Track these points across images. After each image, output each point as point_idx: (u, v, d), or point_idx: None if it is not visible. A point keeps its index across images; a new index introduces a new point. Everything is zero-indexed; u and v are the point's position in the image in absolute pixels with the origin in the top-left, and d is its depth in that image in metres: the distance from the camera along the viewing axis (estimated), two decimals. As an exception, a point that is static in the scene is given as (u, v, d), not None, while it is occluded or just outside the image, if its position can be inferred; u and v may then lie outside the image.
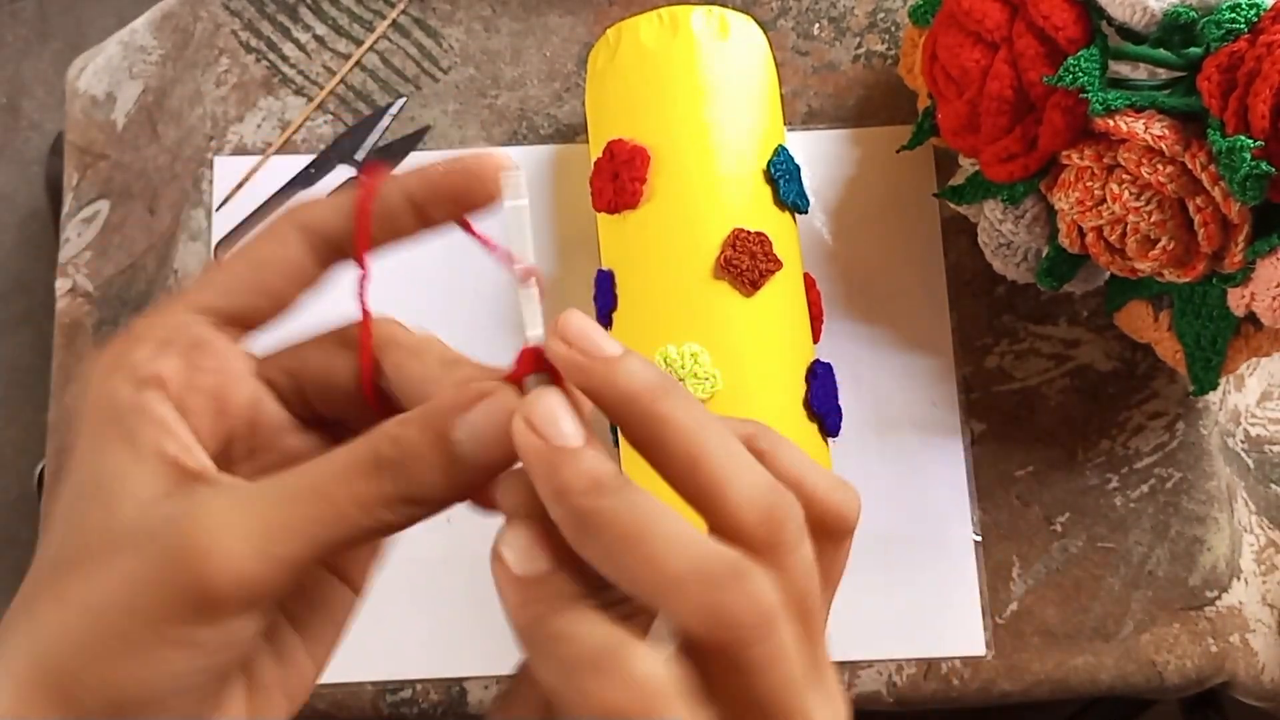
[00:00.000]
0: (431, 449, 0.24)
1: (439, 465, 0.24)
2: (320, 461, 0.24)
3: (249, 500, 0.23)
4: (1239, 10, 0.43)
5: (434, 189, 0.26)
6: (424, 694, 0.53)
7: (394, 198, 0.26)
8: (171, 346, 0.25)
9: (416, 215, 0.26)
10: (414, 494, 0.24)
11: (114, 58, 0.63)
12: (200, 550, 0.22)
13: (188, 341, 0.25)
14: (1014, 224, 0.50)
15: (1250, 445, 0.57)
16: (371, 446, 0.24)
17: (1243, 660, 0.53)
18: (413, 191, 0.26)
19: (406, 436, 0.24)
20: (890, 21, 0.61)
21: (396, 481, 0.23)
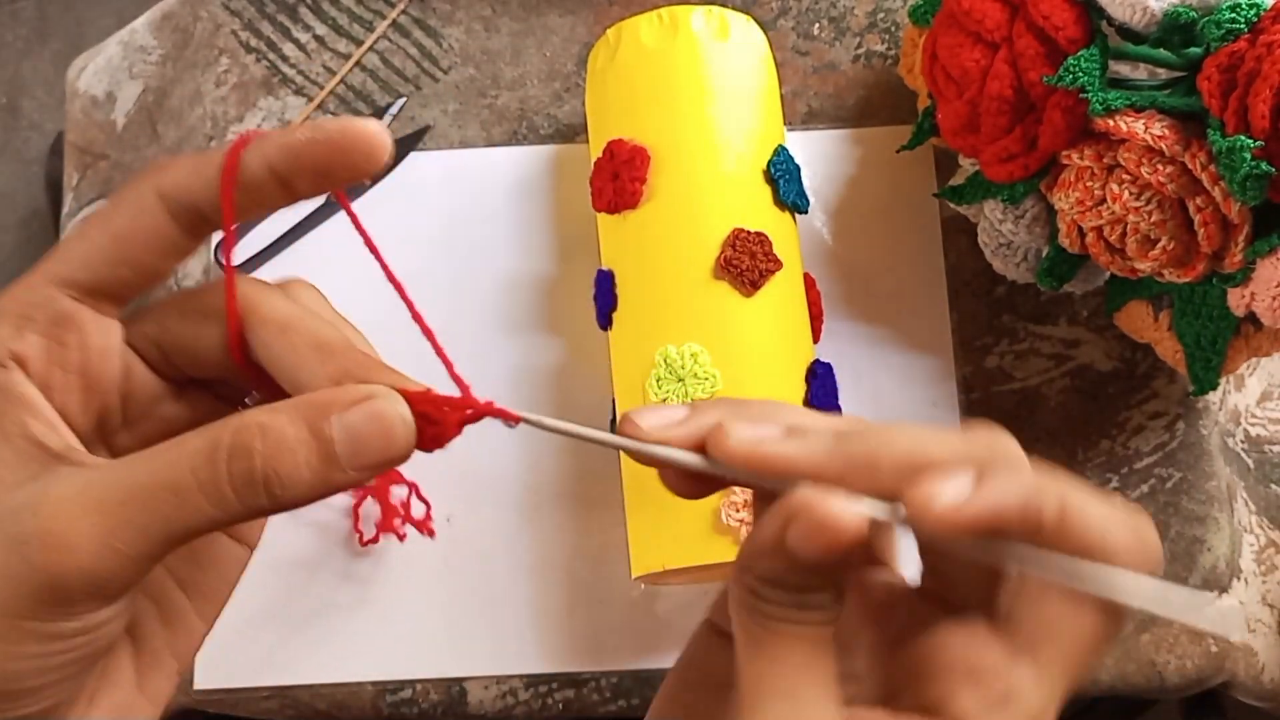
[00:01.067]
0: (303, 444, 0.23)
1: (308, 462, 0.23)
2: (172, 448, 0.23)
3: (96, 492, 0.22)
4: (1239, 10, 0.43)
5: (296, 160, 0.25)
6: (424, 694, 0.53)
7: (256, 168, 0.25)
8: (32, 323, 0.24)
9: (281, 186, 0.25)
10: (275, 487, 0.23)
11: (114, 58, 0.63)
12: (47, 544, 0.22)
13: (49, 317, 0.24)
14: (1014, 224, 0.50)
15: (1250, 445, 0.57)
16: (233, 434, 0.23)
17: (1243, 660, 0.53)
18: (274, 162, 0.25)
19: (276, 427, 0.23)
20: (890, 21, 0.61)
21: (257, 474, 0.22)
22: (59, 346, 0.24)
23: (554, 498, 0.54)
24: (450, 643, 0.53)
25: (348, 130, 0.24)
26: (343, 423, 0.23)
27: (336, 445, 0.23)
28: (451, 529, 0.54)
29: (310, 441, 0.23)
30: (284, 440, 0.23)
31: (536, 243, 0.58)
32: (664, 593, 0.53)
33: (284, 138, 0.25)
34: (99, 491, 0.22)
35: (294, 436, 0.23)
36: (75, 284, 0.25)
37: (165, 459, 0.23)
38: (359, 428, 0.23)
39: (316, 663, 0.53)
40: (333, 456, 0.23)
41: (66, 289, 0.25)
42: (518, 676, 0.53)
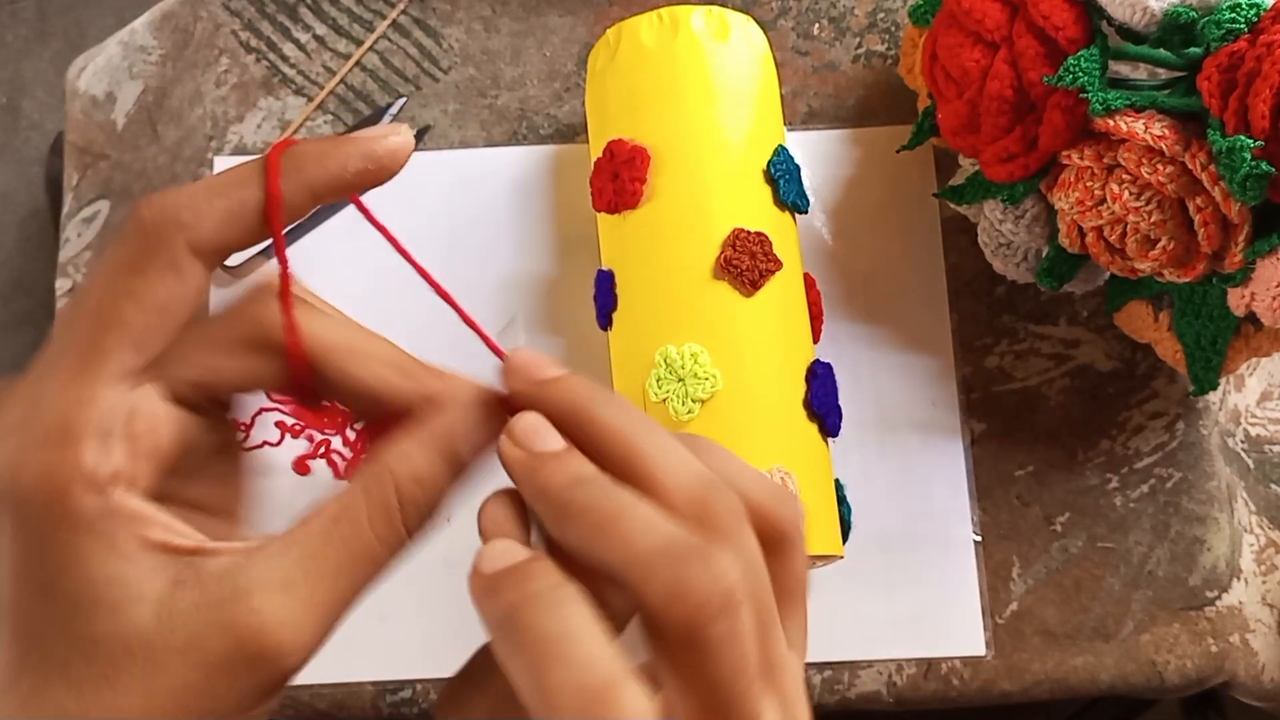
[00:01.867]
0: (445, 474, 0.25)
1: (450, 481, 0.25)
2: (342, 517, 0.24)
3: (292, 581, 0.23)
4: (1239, 10, 0.43)
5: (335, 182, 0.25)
6: (424, 694, 0.53)
7: (299, 199, 0.25)
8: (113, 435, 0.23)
9: (314, 202, 0.25)
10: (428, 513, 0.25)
11: (114, 58, 0.63)
12: (267, 647, 0.23)
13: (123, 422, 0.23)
14: (1014, 224, 0.50)
15: (1250, 445, 0.57)
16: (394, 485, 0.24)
17: (1243, 660, 0.53)
18: (319, 191, 0.25)
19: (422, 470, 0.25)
20: (890, 21, 0.61)
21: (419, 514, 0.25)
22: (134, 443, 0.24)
23: (554, 498, 0.54)
24: (450, 642, 0.53)
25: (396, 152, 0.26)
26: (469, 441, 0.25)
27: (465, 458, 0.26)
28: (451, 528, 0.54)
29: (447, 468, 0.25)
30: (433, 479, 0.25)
31: (536, 243, 0.58)
32: (664, 593, 0.53)
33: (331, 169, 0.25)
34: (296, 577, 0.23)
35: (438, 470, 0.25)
36: (130, 373, 0.24)
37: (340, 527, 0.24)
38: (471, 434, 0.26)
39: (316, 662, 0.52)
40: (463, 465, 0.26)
41: (124, 381, 0.24)
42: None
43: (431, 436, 0.25)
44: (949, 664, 0.52)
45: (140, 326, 0.24)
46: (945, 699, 0.53)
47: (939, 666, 0.52)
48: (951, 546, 0.54)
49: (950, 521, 0.54)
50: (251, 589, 0.23)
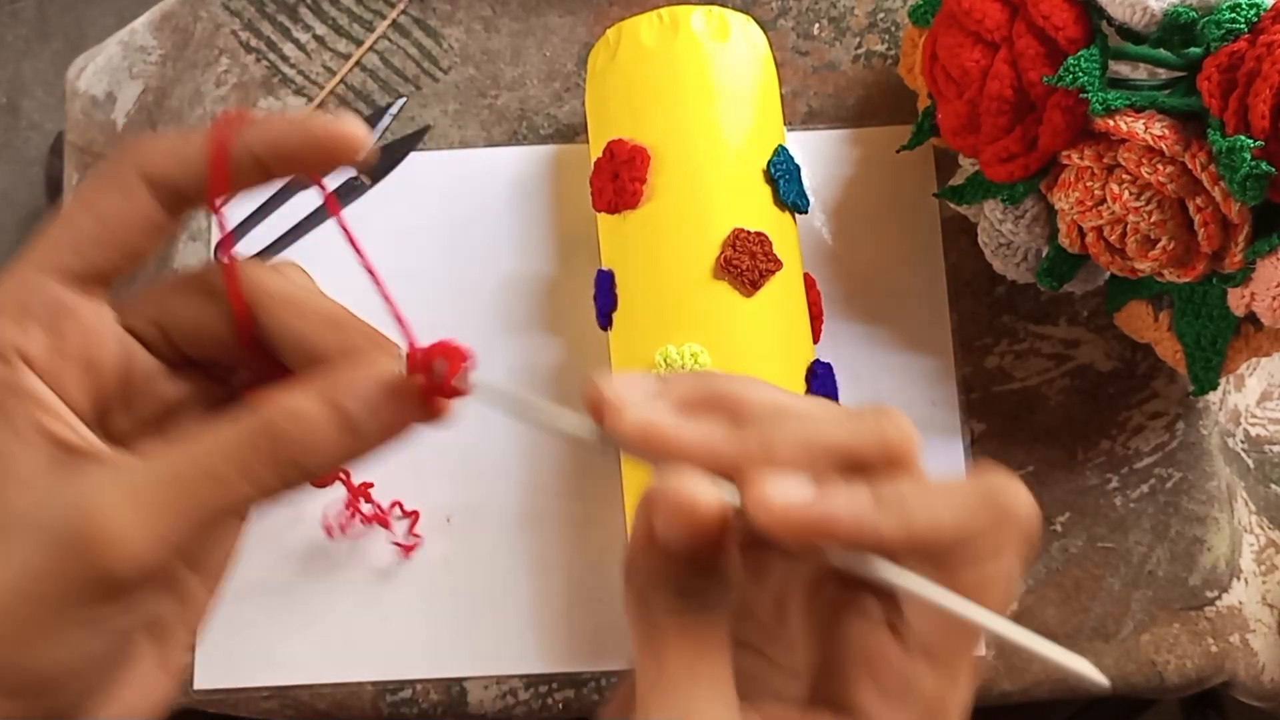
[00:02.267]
0: (329, 422, 0.24)
1: (335, 438, 0.24)
2: (206, 435, 0.24)
3: (140, 484, 0.23)
4: (1239, 10, 0.43)
5: (278, 151, 0.25)
6: (424, 694, 0.53)
7: (239, 154, 0.25)
8: (31, 316, 0.24)
9: (260, 170, 0.26)
10: (306, 465, 0.24)
11: (114, 57, 0.63)
12: (95, 538, 0.22)
13: (47, 308, 0.24)
14: (1014, 224, 0.50)
15: (1250, 445, 0.57)
16: (265, 420, 0.24)
17: (1243, 660, 0.53)
18: (258, 152, 0.25)
19: (303, 410, 0.24)
20: (890, 21, 0.61)
21: (290, 453, 0.24)
22: (58, 336, 0.24)
23: (554, 498, 0.54)
24: (450, 643, 0.53)
25: (335, 136, 0.25)
26: (354, 392, 0.24)
27: (354, 415, 0.24)
28: (451, 529, 0.54)
29: (331, 416, 0.24)
30: (308, 419, 0.24)
31: (536, 243, 0.58)
32: (664, 593, 0.53)
33: (268, 128, 0.25)
34: (144, 486, 0.23)
35: (317, 414, 0.24)
36: (67, 271, 0.25)
37: (202, 449, 0.23)
38: (370, 394, 0.24)
39: (316, 662, 0.53)
40: (354, 426, 0.24)
41: (59, 277, 0.25)
42: (518, 676, 0.53)
43: (323, 384, 0.24)
44: (949, 664, 0.52)
45: (82, 230, 0.25)
46: (945, 699, 0.53)
47: (939, 666, 0.52)
48: (951, 546, 0.54)
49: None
50: (101, 485, 0.23)
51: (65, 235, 0.25)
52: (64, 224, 0.25)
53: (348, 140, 0.25)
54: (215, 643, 0.53)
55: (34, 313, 0.24)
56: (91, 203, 0.25)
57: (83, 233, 0.25)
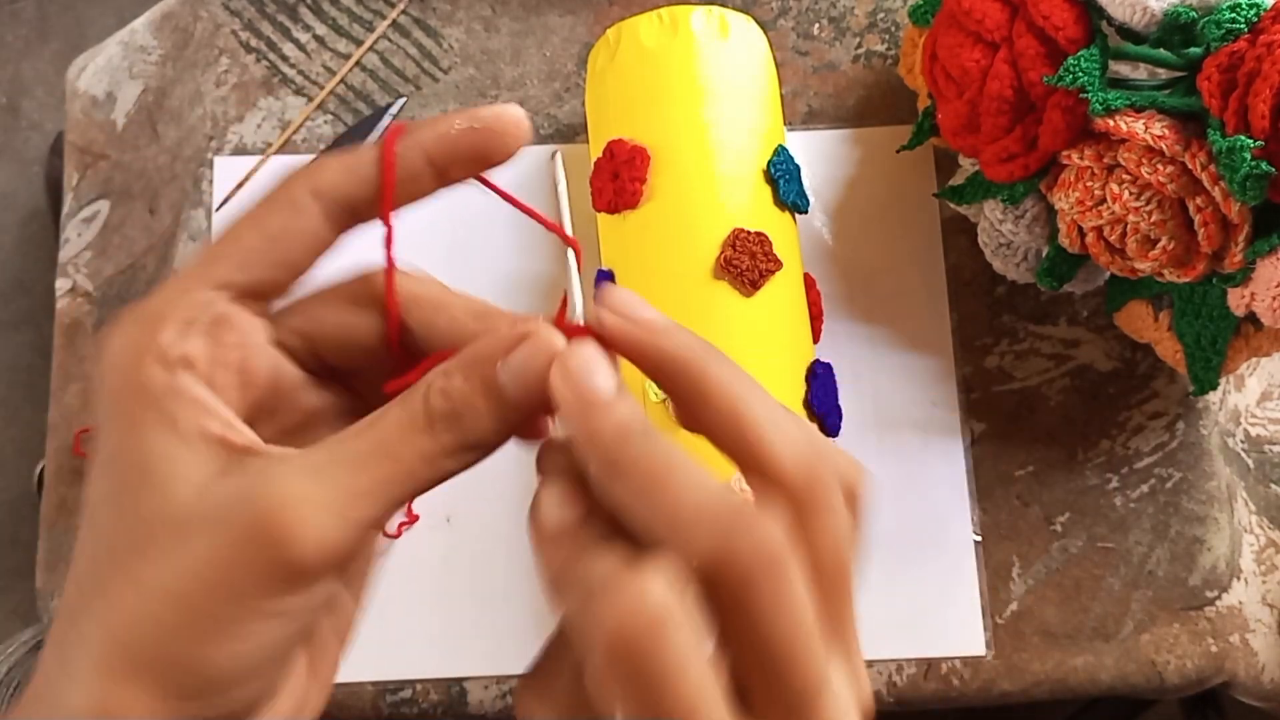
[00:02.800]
0: (479, 395, 0.24)
1: (488, 410, 0.25)
2: (375, 423, 0.24)
3: (320, 469, 0.23)
4: (1239, 10, 0.43)
5: (453, 149, 0.26)
6: (424, 694, 0.53)
7: (413, 159, 0.26)
8: (196, 326, 0.25)
9: (435, 175, 0.26)
10: (470, 440, 0.25)
11: (114, 58, 0.63)
12: (283, 524, 0.23)
13: (210, 319, 0.25)
14: (1014, 224, 0.50)
15: (1250, 445, 0.57)
16: (423, 401, 0.24)
17: (1243, 660, 0.53)
18: (432, 153, 0.26)
19: (454, 387, 0.24)
20: (890, 21, 0.61)
21: (453, 432, 0.24)
22: (220, 347, 0.25)
23: (554, 498, 0.54)
24: (450, 643, 0.53)
25: (502, 116, 0.26)
26: (508, 368, 0.25)
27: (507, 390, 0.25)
28: (451, 529, 0.54)
29: (483, 393, 0.25)
30: (464, 397, 0.24)
31: (536, 243, 0.58)
32: (664, 593, 0.53)
33: (440, 128, 0.26)
34: (325, 468, 0.23)
35: (470, 389, 0.24)
36: (231, 285, 0.25)
37: (375, 432, 0.24)
38: (522, 367, 0.25)
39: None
40: (506, 400, 0.25)
41: (223, 290, 0.25)
42: (518, 676, 0.53)
43: (466, 357, 0.25)
44: (949, 664, 0.52)
45: (249, 246, 0.26)
46: (945, 699, 0.53)
47: (939, 666, 0.52)
48: (951, 546, 0.54)
49: (950, 521, 0.54)
50: (279, 473, 0.23)
51: (232, 250, 0.26)
52: (231, 239, 0.26)
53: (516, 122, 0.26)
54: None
55: (198, 324, 0.25)
56: (260, 220, 0.26)
57: (249, 249, 0.26)
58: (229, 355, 0.25)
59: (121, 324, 0.25)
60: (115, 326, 0.25)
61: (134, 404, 0.24)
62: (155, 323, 0.25)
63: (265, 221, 0.26)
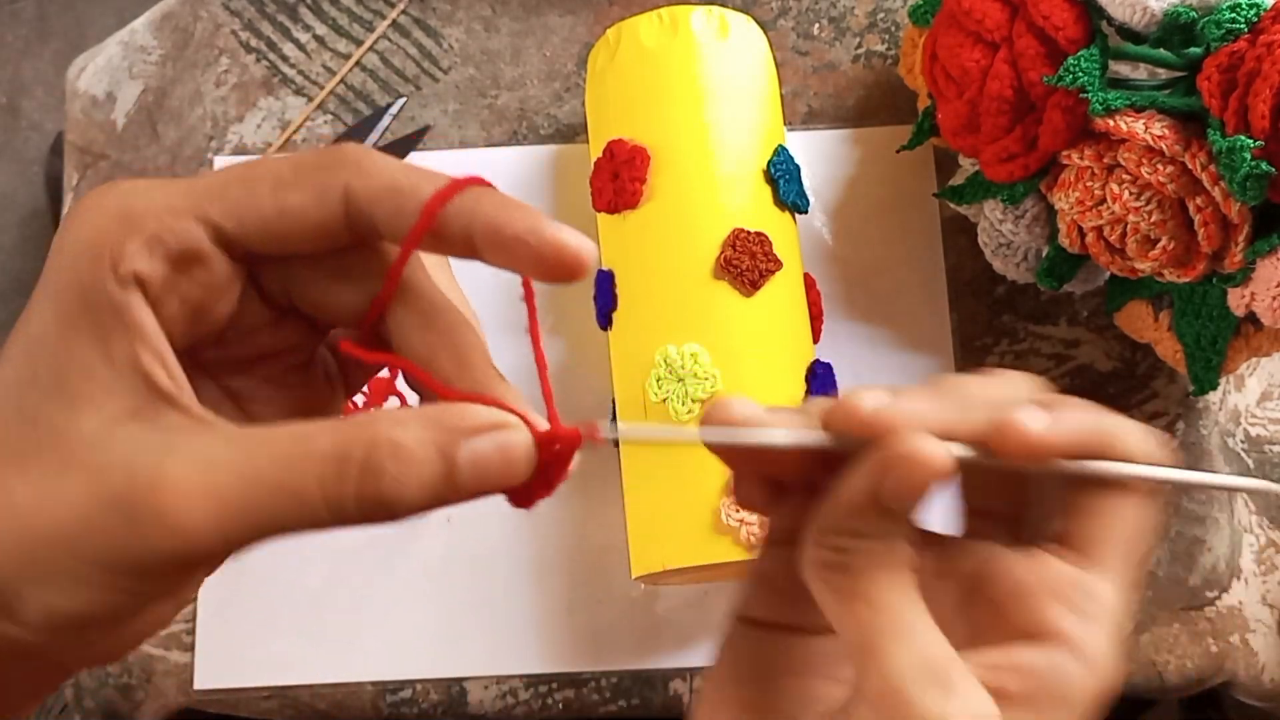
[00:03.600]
0: (429, 465, 0.22)
1: (432, 483, 0.22)
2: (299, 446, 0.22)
3: (219, 469, 0.22)
4: (1239, 10, 0.43)
5: (498, 244, 0.24)
6: (424, 694, 0.53)
7: (456, 226, 0.24)
8: (165, 249, 0.23)
9: (466, 249, 0.24)
10: (393, 506, 0.22)
11: (114, 58, 0.63)
12: (159, 521, 0.21)
13: (183, 249, 0.23)
14: (1014, 224, 0.50)
15: (1250, 445, 0.57)
16: (365, 450, 0.22)
17: (1243, 660, 0.53)
18: (477, 234, 0.24)
19: (410, 449, 0.22)
20: (890, 21, 0.61)
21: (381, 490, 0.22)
22: (183, 278, 0.23)
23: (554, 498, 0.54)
24: (450, 643, 0.53)
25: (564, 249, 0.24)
26: (471, 449, 0.23)
27: (461, 472, 0.23)
28: (451, 529, 0.54)
29: (438, 464, 0.22)
30: (414, 461, 0.22)
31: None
32: (664, 592, 0.53)
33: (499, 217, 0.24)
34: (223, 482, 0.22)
35: (423, 459, 0.22)
36: (218, 230, 0.23)
37: (294, 458, 0.22)
38: (486, 457, 0.23)
39: (316, 663, 0.53)
40: (455, 481, 0.23)
41: (208, 226, 0.23)
42: (518, 676, 0.53)
43: (436, 424, 0.23)
44: (949, 664, 0.52)
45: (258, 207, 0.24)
46: (945, 699, 0.53)
47: (939, 666, 0.52)
48: (951, 546, 0.54)
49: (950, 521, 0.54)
50: (176, 450, 0.22)
51: (238, 198, 0.23)
52: (246, 185, 0.24)
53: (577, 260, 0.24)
54: (216, 643, 0.53)
55: (168, 246, 0.23)
56: (283, 187, 0.24)
57: (256, 208, 0.24)
58: (191, 291, 0.24)
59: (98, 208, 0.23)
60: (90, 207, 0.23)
61: (74, 300, 0.22)
62: (129, 226, 0.23)
63: (287, 193, 0.24)
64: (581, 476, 0.54)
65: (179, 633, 0.53)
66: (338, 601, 0.53)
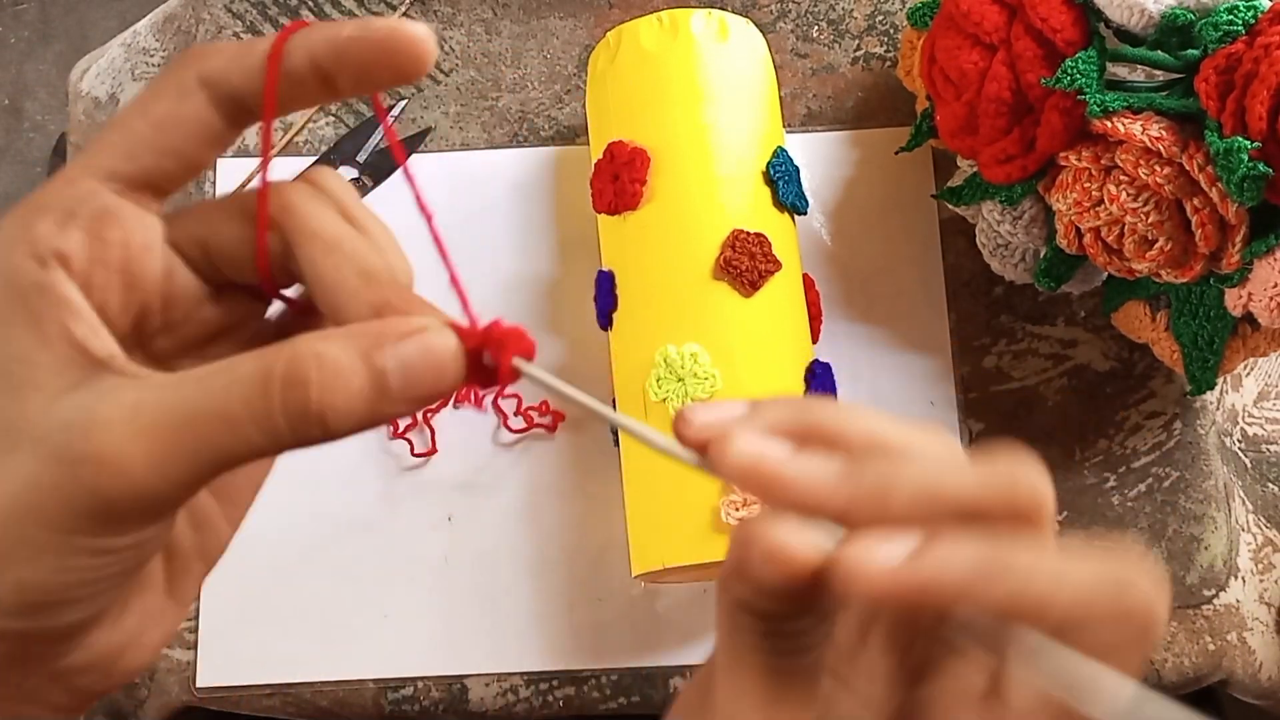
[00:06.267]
0: (356, 374, 0.22)
1: (360, 392, 0.22)
2: (224, 373, 0.22)
3: (148, 416, 0.22)
4: (1236, 12, 0.43)
5: (340, 57, 0.24)
6: (425, 691, 0.53)
7: (299, 60, 0.24)
8: (75, 219, 0.23)
9: (321, 83, 0.24)
10: (326, 420, 0.22)
11: (116, 59, 0.63)
12: (95, 459, 0.21)
13: (92, 212, 0.23)
14: (1012, 225, 0.50)
15: (1247, 444, 0.57)
16: (290, 361, 0.22)
17: (1240, 658, 0.53)
18: (318, 56, 0.24)
19: (333, 358, 0.22)
20: (889, 24, 0.61)
21: (310, 404, 0.22)
22: (101, 243, 0.23)
23: (554, 496, 0.54)
24: (451, 640, 0.53)
25: (395, 32, 0.24)
26: (396, 354, 0.22)
27: (389, 377, 0.22)
28: (452, 527, 0.54)
29: (364, 372, 0.22)
30: (339, 370, 0.22)
31: (537, 244, 0.58)
32: (664, 591, 0.54)
33: (330, 31, 0.24)
34: (151, 415, 0.22)
35: (348, 367, 0.22)
36: (118, 176, 0.24)
37: (217, 385, 0.22)
38: (412, 360, 0.22)
39: (318, 660, 0.53)
40: (385, 388, 0.22)
41: (109, 182, 0.24)
42: (518, 674, 0.53)
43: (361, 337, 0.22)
44: (948, 662, 0.53)
45: (135, 134, 0.24)
46: (944, 697, 0.53)
47: (938, 665, 0.53)
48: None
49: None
50: (109, 402, 0.22)
51: (117, 139, 0.24)
52: (117, 127, 0.24)
53: (412, 43, 0.24)
54: (217, 641, 0.53)
55: (78, 216, 0.23)
56: (146, 107, 0.24)
57: (136, 136, 0.24)
58: (111, 253, 0.23)
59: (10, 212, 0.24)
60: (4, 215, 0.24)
61: (3, 296, 0.23)
62: (33, 214, 0.23)
63: (151, 107, 0.24)
64: (581, 475, 0.54)
65: (182, 631, 0.53)
66: (339, 600, 0.53)
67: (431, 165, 0.59)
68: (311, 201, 0.25)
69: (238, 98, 0.24)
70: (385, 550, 0.54)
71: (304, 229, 0.25)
